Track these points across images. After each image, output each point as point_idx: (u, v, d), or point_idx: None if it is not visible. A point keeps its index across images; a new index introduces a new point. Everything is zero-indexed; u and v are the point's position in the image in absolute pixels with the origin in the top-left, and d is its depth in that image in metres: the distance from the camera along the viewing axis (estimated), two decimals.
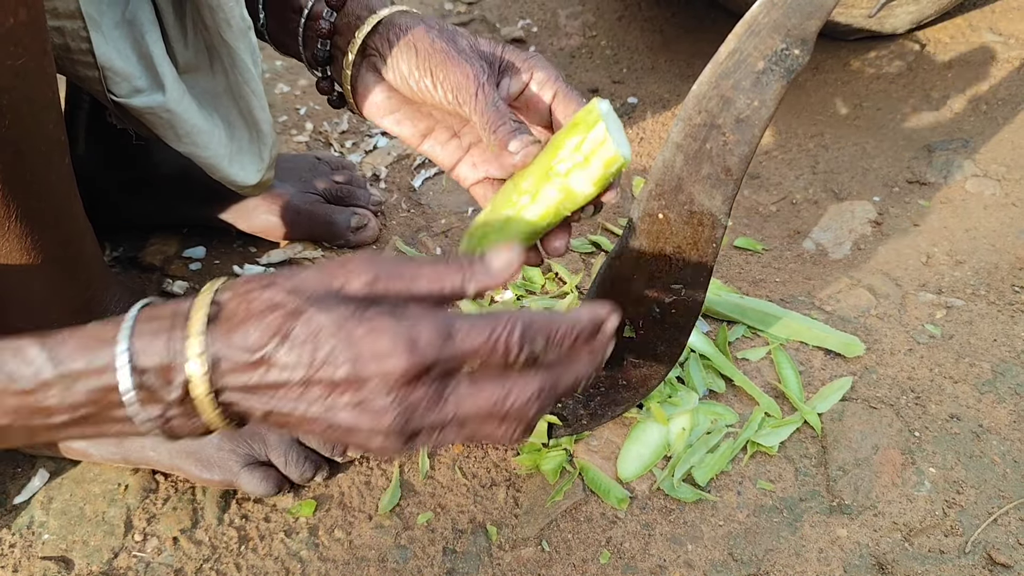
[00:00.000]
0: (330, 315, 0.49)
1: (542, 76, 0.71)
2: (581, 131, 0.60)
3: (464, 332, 0.51)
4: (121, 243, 1.15)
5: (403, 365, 0.49)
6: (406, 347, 0.49)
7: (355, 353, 0.49)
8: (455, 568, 0.78)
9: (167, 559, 0.79)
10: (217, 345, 0.49)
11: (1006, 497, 0.81)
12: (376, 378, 0.49)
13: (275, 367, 0.50)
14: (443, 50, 0.70)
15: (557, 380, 0.54)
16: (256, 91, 0.85)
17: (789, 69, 0.59)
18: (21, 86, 0.58)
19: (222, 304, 0.51)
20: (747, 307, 1.01)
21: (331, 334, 0.49)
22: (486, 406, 0.53)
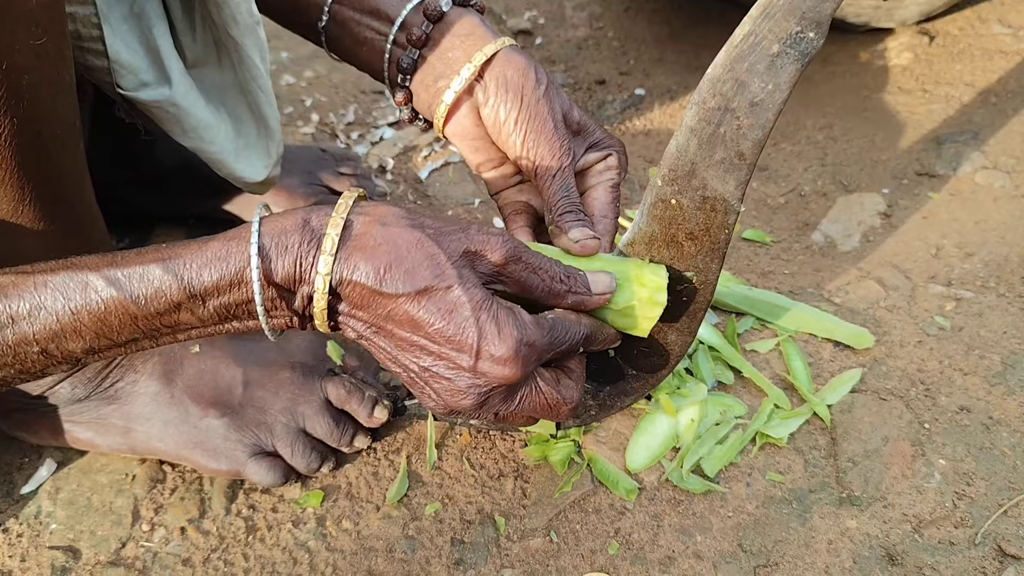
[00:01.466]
0: (468, 295, 0.55)
1: (613, 162, 0.77)
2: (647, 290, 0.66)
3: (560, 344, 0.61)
4: (127, 235, 1.14)
5: (515, 374, 0.57)
6: (521, 362, 0.57)
7: (479, 347, 0.56)
8: (463, 558, 0.77)
9: (175, 549, 0.79)
10: (350, 269, 0.54)
11: (1016, 489, 0.81)
12: (487, 375, 0.57)
13: (404, 315, 0.55)
14: (542, 116, 0.73)
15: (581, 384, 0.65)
16: (264, 87, 0.85)
17: (804, 52, 0.58)
18: (41, 67, 0.58)
19: (356, 225, 0.55)
20: (756, 299, 1.00)
21: (465, 317, 0.55)
22: (540, 408, 0.62)
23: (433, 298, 0.55)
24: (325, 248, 0.54)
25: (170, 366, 0.82)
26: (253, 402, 0.82)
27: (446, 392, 0.59)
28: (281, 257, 0.54)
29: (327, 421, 0.82)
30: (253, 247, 0.54)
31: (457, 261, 0.56)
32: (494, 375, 0.57)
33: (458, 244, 0.57)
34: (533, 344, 0.58)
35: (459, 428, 0.88)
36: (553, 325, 0.61)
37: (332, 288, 0.55)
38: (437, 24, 0.76)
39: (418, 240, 0.56)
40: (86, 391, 0.80)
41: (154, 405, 0.81)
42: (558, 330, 0.61)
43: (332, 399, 0.83)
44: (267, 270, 0.54)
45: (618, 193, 0.77)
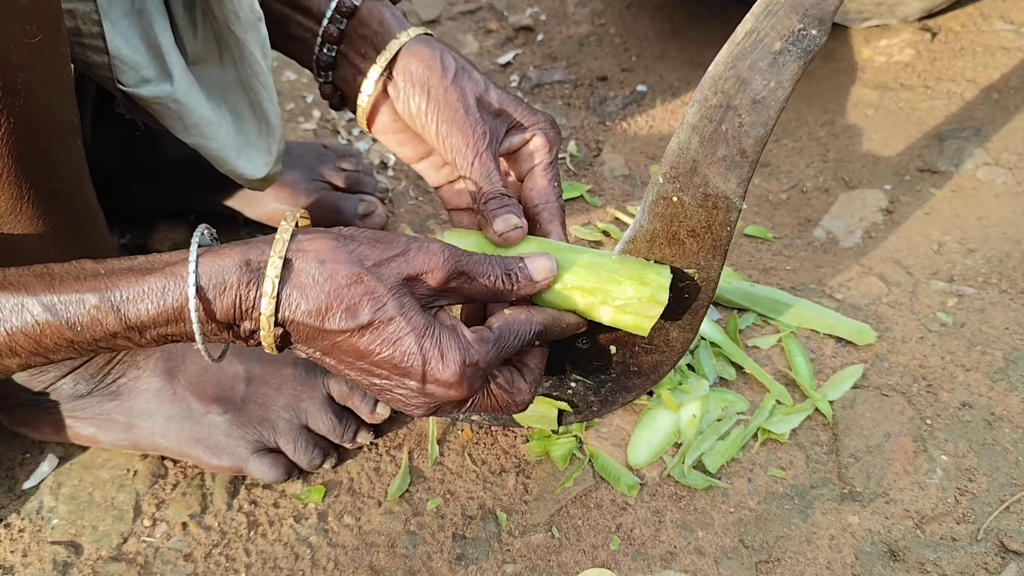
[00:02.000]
0: (410, 325, 0.57)
1: (539, 142, 0.76)
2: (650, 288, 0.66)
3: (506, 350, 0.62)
4: (128, 230, 1.14)
5: (463, 394, 0.60)
6: (467, 382, 0.59)
7: (425, 372, 0.58)
8: (465, 554, 0.77)
9: (176, 544, 0.79)
10: (292, 309, 0.56)
11: (1018, 485, 0.81)
12: (434, 396, 0.60)
13: (349, 347, 0.57)
14: (452, 105, 0.73)
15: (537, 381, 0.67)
16: (265, 84, 0.84)
17: (806, 50, 0.58)
18: (36, 65, 0.58)
19: (294, 264, 0.56)
20: (758, 295, 1.00)
21: (408, 346, 0.57)
22: (490, 408, 0.65)
23: (376, 331, 0.57)
24: (265, 290, 0.55)
25: (173, 362, 0.82)
26: (255, 398, 0.82)
27: (398, 404, 0.62)
28: (220, 297, 0.55)
29: (329, 417, 0.82)
30: (191, 288, 0.54)
31: (397, 291, 0.58)
32: (442, 396, 0.60)
33: (397, 272, 0.58)
34: (477, 363, 0.60)
35: (460, 424, 0.88)
36: (499, 335, 0.62)
37: (280, 324, 0.57)
38: (350, 20, 0.77)
39: (356, 275, 0.56)
40: (88, 387, 0.80)
41: (156, 401, 0.81)
42: (504, 338, 0.62)
43: (334, 395, 0.83)
44: (207, 309, 0.55)
45: (553, 172, 0.76)
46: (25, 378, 0.79)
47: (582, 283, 0.66)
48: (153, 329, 0.55)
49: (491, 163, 0.72)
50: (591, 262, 0.67)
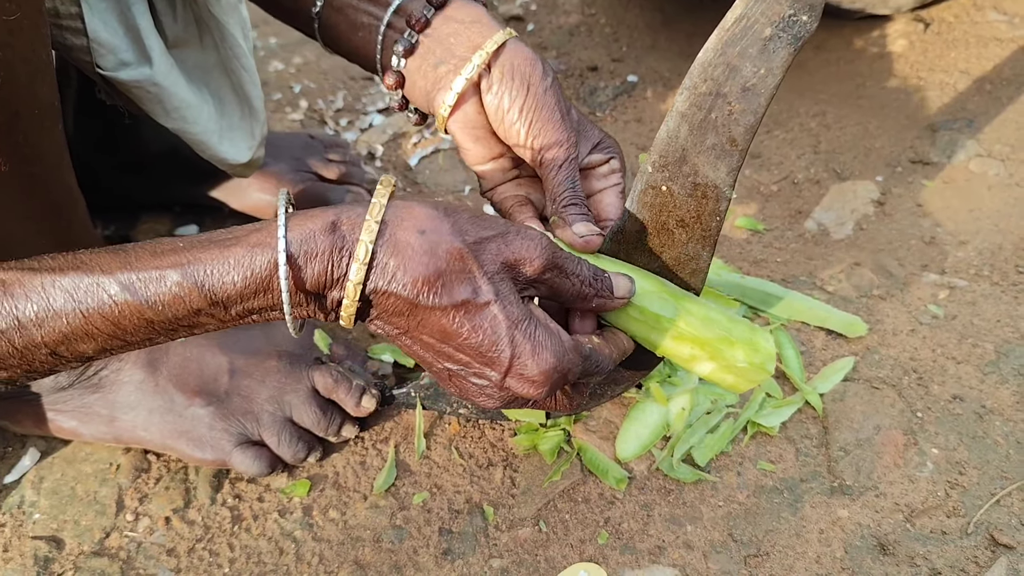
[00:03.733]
0: (507, 314, 0.55)
1: (616, 165, 0.75)
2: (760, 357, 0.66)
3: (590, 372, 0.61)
4: (112, 222, 1.13)
5: (536, 395, 0.58)
6: (550, 386, 0.57)
7: (511, 365, 0.56)
8: (451, 548, 0.76)
9: (159, 539, 0.78)
10: (385, 278, 0.53)
11: (1009, 478, 0.80)
12: (512, 391, 0.57)
13: (437, 326, 0.54)
14: (551, 107, 0.71)
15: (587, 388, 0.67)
16: (247, 66, 0.83)
17: (797, 36, 0.57)
18: (16, 44, 0.56)
19: (391, 228, 0.53)
20: (748, 287, 0.99)
21: (500, 336, 0.55)
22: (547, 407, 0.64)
23: (469, 313, 0.54)
24: (358, 256, 0.52)
25: (155, 354, 0.81)
26: (239, 391, 0.81)
27: (469, 392, 0.60)
28: (310, 264, 0.52)
29: (314, 410, 0.81)
30: (281, 255, 0.51)
31: (495, 275, 0.55)
32: (519, 391, 0.58)
33: (496, 254, 0.55)
34: (566, 372, 0.58)
35: (448, 417, 0.87)
36: (589, 355, 0.61)
37: (364, 295, 0.54)
38: (439, 10, 0.74)
39: (458, 252, 0.54)
40: (69, 379, 0.79)
41: (139, 394, 0.80)
42: (592, 360, 0.61)
43: (319, 388, 0.82)
44: (297, 278, 0.52)
45: (624, 198, 0.76)
46: None
47: (696, 334, 0.66)
48: (240, 303, 0.52)
49: (577, 172, 0.72)
50: (707, 316, 0.66)
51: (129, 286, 0.51)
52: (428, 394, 0.83)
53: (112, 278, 0.51)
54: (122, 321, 0.51)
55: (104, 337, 0.52)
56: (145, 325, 0.52)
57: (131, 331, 0.52)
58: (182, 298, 0.51)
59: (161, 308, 0.51)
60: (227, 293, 0.52)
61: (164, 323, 0.52)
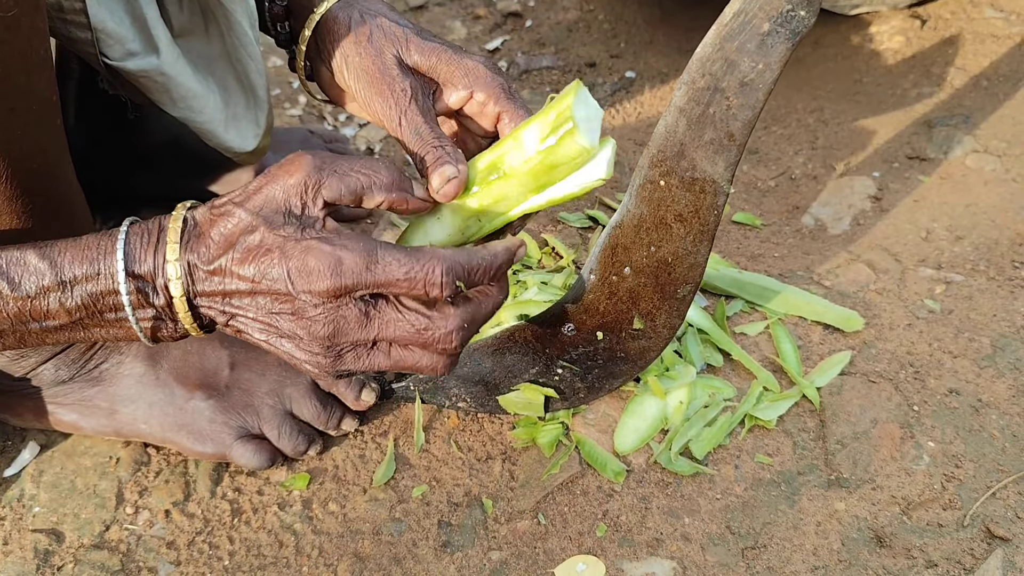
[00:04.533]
0: (275, 233, 0.57)
1: (483, 96, 0.70)
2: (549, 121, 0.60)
3: (386, 263, 0.58)
4: (111, 215, 1.13)
5: (327, 284, 0.57)
6: (330, 269, 0.56)
7: (288, 269, 0.57)
8: (450, 540, 0.77)
9: (159, 532, 0.78)
10: (188, 254, 0.58)
11: (1005, 471, 0.81)
12: (305, 293, 0.57)
13: (230, 276, 0.58)
14: (367, 71, 0.70)
15: (476, 313, 0.63)
16: (253, 55, 0.83)
17: (795, 31, 0.58)
18: (13, 40, 0.57)
19: (196, 216, 0.59)
20: (745, 281, 1.00)
21: (270, 251, 0.57)
22: (409, 333, 0.60)
23: (248, 249, 0.57)
24: (170, 237, 0.58)
25: (156, 348, 0.81)
26: (239, 384, 0.81)
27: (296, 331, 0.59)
28: (142, 249, 0.58)
29: (314, 404, 0.81)
30: (120, 241, 0.57)
31: (261, 206, 0.58)
32: (314, 287, 0.57)
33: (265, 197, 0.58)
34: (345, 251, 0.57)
35: (447, 411, 0.87)
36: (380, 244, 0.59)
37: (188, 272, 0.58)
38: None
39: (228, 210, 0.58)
40: (70, 372, 0.79)
41: (139, 387, 0.80)
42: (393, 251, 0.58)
43: (319, 382, 0.82)
44: (129, 264, 0.57)
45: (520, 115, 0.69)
46: (6, 363, 0.78)
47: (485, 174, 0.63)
48: (84, 285, 0.57)
49: (418, 118, 0.68)
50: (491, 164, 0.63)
51: None
52: (427, 388, 0.84)
53: None
54: None
55: None
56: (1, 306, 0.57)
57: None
58: (36, 275, 0.57)
59: (17, 284, 0.56)
60: (73, 273, 0.57)
61: (17, 303, 0.57)
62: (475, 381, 0.83)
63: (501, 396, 0.82)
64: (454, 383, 0.83)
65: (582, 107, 0.59)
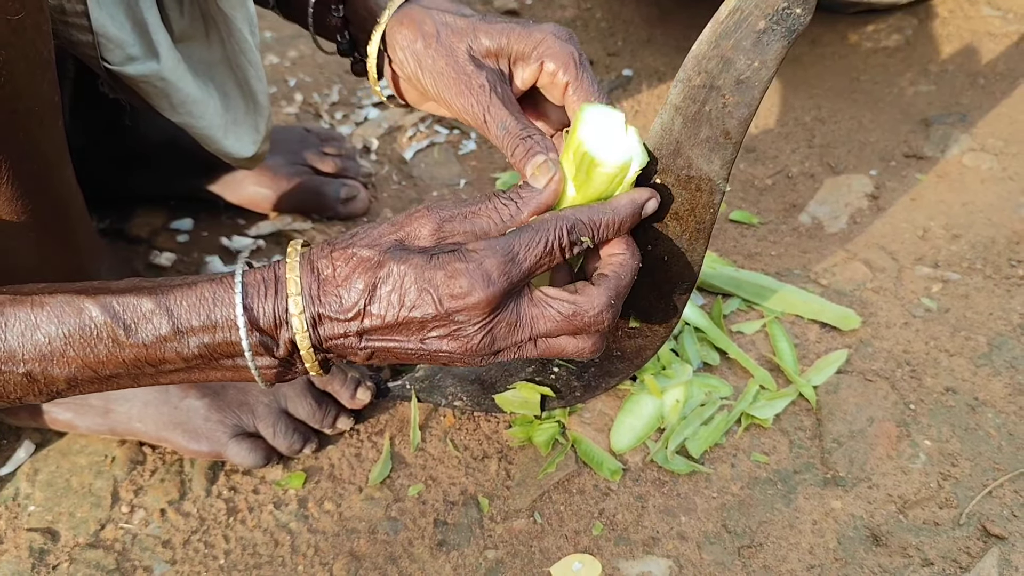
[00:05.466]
0: (408, 264, 0.56)
1: (552, 67, 0.69)
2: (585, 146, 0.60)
3: (524, 251, 0.58)
4: (108, 215, 1.13)
5: (485, 297, 0.56)
6: (482, 282, 0.56)
7: (439, 296, 0.56)
8: (446, 539, 0.77)
9: (154, 531, 0.78)
10: (314, 306, 0.57)
11: (1001, 469, 0.81)
12: (461, 313, 0.57)
13: (370, 316, 0.57)
14: (442, 71, 0.69)
15: (619, 285, 0.61)
16: (253, 61, 0.83)
17: (791, 29, 0.57)
18: (18, 42, 0.56)
19: (316, 265, 0.58)
20: (742, 280, 1.00)
21: (413, 281, 0.56)
22: (560, 323, 0.60)
23: (383, 288, 0.56)
24: (291, 290, 0.56)
25: None
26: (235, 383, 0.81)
27: (451, 346, 0.59)
28: (262, 304, 0.56)
29: (309, 402, 0.81)
30: (238, 295, 0.56)
31: (388, 249, 0.57)
32: (465, 308, 0.57)
33: (385, 236, 0.58)
34: (483, 264, 0.56)
35: (443, 410, 0.87)
36: (509, 236, 0.58)
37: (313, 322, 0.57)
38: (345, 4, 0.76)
39: (351, 255, 0.57)
40: None
41: None
42: (518, 237, 0.58)
43: (314, 380, 0.82)
44: (250, 317, 0.56)
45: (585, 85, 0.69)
46: None
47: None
48: (202, 336, 0.56)
49: (502, 111, 0.68)
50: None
51: (108, 308, 0.55)
52: (423, 386, 0.83)
53: (94, 301, 0.55)
54: (97, 345, 0.55)
55: (78, 364, 0.55)
56: (116, 351, 0.55)
57: (103, 359, 0.55)
58: (153, 324, 0.55)
59: (134, 331, 0.55)
60: (191, 323, 0.56)
61: (134, 350, 0.55)
62: (471, 380, 0.83)
63: (497, 395, 0.82)
64: (450, 382, 0.83)
65: (592, 130, 0.60)
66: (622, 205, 0.61)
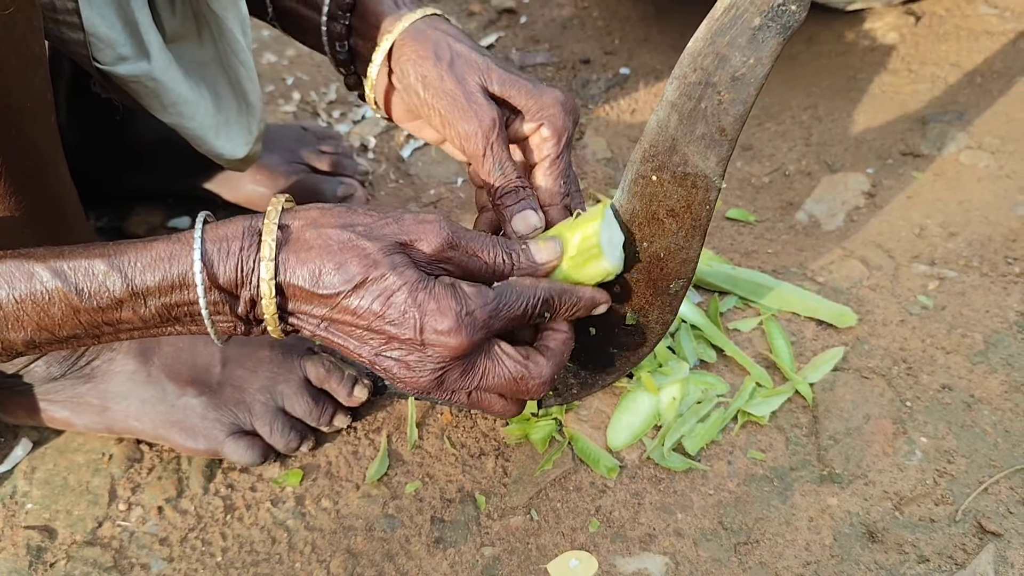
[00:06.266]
0: (403, 279, 0.56)
1: (547, 134, 0.72)
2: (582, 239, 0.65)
3: (506, 310, 0.60)
4: (105, 213, 1.13)
5: (462, 344, 0.58)
6: (467, 330, 0.57)
7: (423, 324, 0.57)
8: (443, 537, 0.77)
9: (152, 528, 0.78)
10: (288, 273, 0.56)
11: (997, 466, 0.81)
12: (434, 348, 0.58)
13: (345, 309, 0.57)
14: (451, 93, 0.70)
15: (558, 361, 0.65)
16: (245, 62, 0.83)
17: (786, 26, 0.57)
18: (8, 38, 0.56)
19: (291, 229, 0.57)
20: (739, 278, 1.00)
21: (403, 299, 0.56)
22: (507, 381, 0.62)
23: (370, 288, 0.56)
24: (264, 254, 0.56)
25: (147, 344, 0.81)
26: (231, 380, 0.81)
27: (402, 370, 0.60)
28: (224, 261, 0.56)
29: (306, 400, 0.81)
30: (196, 252, 0.55)
31: (389, 251, 0.57)
32: (440, 345, 0.58)
33: (390, 236, 0.58)
34: (473, 312, 0.58)
35: (440, 407, 0.87)
36: (500, 292, 0.61)
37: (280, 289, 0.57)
38: (353, 14, 0.77)
39: (347, 240, 0.57)
40: (62, 369, 0.79)
41: (131, 384, 0.80)
42: (506, 296, 0.61)
43: (311, 378, 0.82)
44: (210, 274, 0.56)
45: (560, 168, 0.73)
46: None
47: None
48: (158, 297, 0.56)
49: (503, 153, 0.70)
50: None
51: (60, 272, 0.54)
52: None
53: (44, 265, 0.54)
54: (50, 309, 0.55)
55: (33, 327, 0.55)
56: (71, 315, 0.55)
57: (58, 321, 0.55)
58: (106, 287, 0.55)
59: (88, 296, 0.55)
60: (147, 285, 0.55)
61: (89, 314, 0.55)
62: None
63: None
64: None
65: (607, 231, 0.65)
66: (586, 297, 0.66)
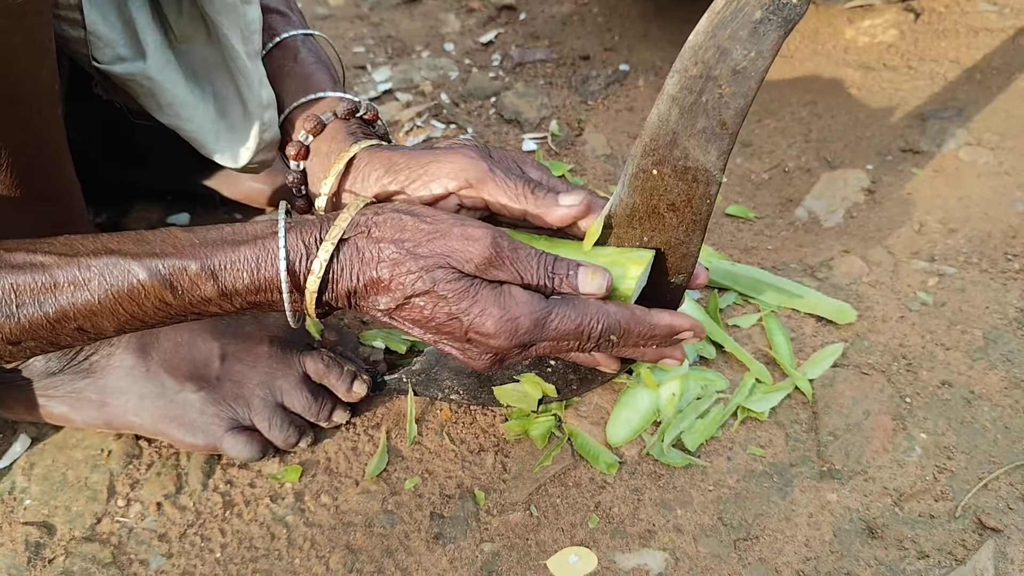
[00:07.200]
0: (450, 289, 0.60)
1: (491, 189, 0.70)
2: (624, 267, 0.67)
3: (556, 324, 0.62)
4: (104, 209, 1.13)
5: (505, 346, 0.62)
6: (508, 334, 0.61)
7: (467, 325, 0.61)
8: (442, 532, 0.77)
9: (151, 524, 0.78)
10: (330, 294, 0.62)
11: (996, 462, 0.81)
12: (481, 346, 0.63)
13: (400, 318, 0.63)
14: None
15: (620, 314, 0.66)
16: (242, 69, 0.81)
17: (787, 19, 0.57)
18: (18, 29, 0.56)
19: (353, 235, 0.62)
20: (739, 274, 1.00)
21: (446, 309, 0.61)
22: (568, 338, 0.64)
23: (417, 303, 0.61)
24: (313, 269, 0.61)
25: (146, 339, 0.80)
26: (230, 376, 0.81)
27: (461, 355, 0.65)
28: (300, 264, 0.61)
29: (305, 395, 0.81)
30: (282, 262, 0.60)
31: (432, 268, 0.60)
32: (492, 346, 0.62)
33: (435, 252, 0.61)
34: (517, 319, 0.61)
35: (440, 403, 0.87)
36: (554, 303, 0.63)
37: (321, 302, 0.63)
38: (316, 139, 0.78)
39: (395, 258, 0.61)
40: (60, 364, 0.79)
41: (129, 379, 0.80)
42: (560, 308, 0.62)
43: (310, 373, 0.82)
44: (294, 281, 0.61)
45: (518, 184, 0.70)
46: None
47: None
48: (245, 296, 0.61)
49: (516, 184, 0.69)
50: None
51: (155, 272, 0.58)
52: (419, 380, 0.83)
53: (140, 264, 0.58)
54: (145, 303, 0.59)
55: (126, 316, 0.60)
56: (163, 308, 0.60)
57: (150, 312, 0.60)
58: (198, 286, 0.59)
59: (180, 293, 0.59)
60: (236, 288, 0.60)
61: (179, 307, 0.60)
62: (468, 373, 0.83)
63: (497, 387, 0.82)
64: (447, 375, 0.83)
65: (643, 278, 0.68)
66: (661, 325, 0.67)
